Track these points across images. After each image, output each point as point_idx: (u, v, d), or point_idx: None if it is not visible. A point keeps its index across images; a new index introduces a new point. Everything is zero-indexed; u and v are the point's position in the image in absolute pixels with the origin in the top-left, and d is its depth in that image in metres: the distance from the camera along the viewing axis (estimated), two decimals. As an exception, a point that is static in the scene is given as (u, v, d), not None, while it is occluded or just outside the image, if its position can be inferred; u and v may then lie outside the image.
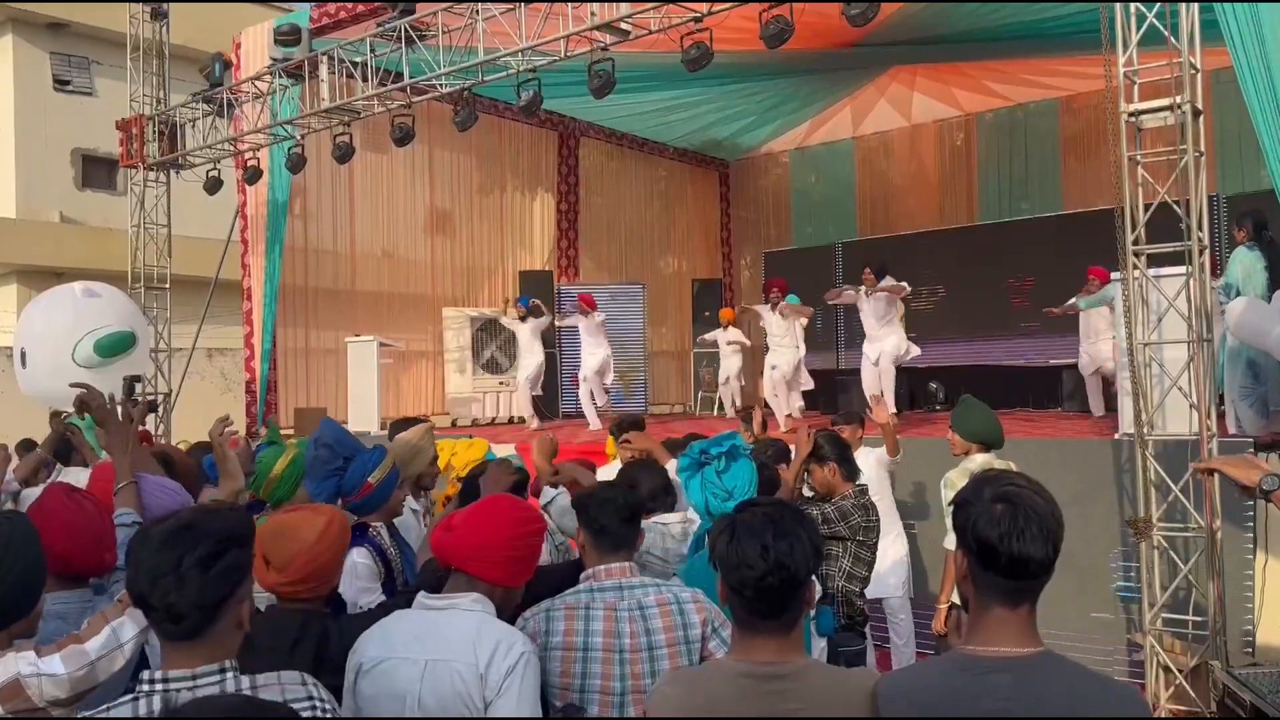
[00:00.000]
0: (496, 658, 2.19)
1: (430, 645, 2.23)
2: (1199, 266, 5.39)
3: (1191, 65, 5.38)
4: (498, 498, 2.65)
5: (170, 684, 1.78)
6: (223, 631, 1.83)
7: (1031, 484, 1.87)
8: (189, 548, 1.79)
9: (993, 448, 4.95)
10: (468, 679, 2.18)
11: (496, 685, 2.17)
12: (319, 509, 2.67)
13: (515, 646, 2.23)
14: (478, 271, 13.58)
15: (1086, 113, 12.43)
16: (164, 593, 1.77)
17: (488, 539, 2.37)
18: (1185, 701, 5.30)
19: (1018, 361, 12.15)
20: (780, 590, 1.92)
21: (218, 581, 1.79)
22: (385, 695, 2.23)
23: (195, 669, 1.79)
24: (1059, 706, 1.74)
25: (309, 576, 2.50)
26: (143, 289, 11.27)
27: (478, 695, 2.17)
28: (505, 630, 2.30)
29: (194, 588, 1.77)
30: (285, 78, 9.60)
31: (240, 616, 1.86)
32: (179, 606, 1.77)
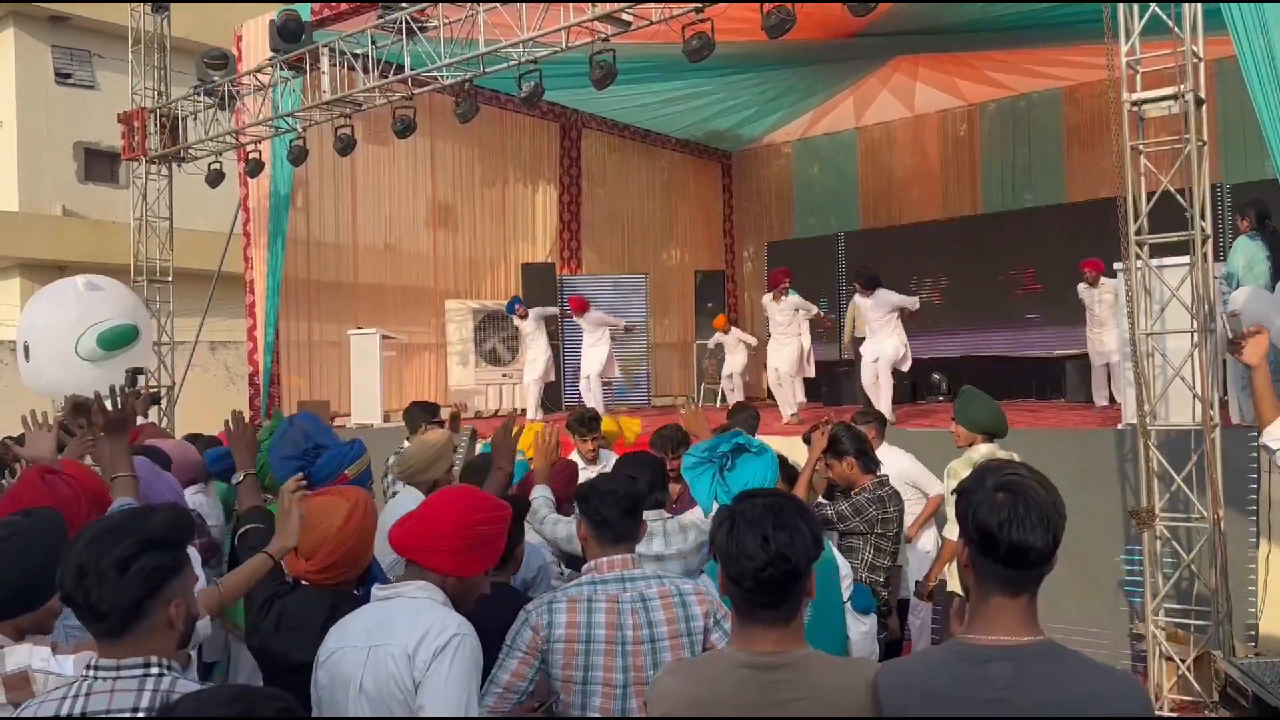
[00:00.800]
0: (427, 639, 2.23)
1: (375, 633, 2.29)
2: (1202, 256, 5.38)
3: (1194, 54, 5.36)
4: (450, 489, 2.70)
5: (98, 672, 1.85)
6: (149, 631, 1.87)
7: (1033, 474, 1.87)
8: (109, 548, 1.83)
9: (996, 437, 4.95)
10: (399, 660, 2.22)
11: (424, 665, 2.21)
12: (344, 493, 2.68)
13: (448, 629, 2.26)
14: (480, 264, 13.58)
15: (1090, 102, 12.39)
16: (85, 591, 1.83)
17: (434, 529, 2.41)
18: (1188, 692, 5.30)
19: (1021, 352, 12.13)
20: (781, 581, 1.92)
21: (134, 582, 1.83)
22: (337, 682, 2.30)
23: (120, 660, 1.84)
24: (1058, 696, 1.74)
25: (336, 564, 2.54)
26: (145, 282, 11.28)
27: (407, 676, 2.21)
28: (442, 614, 2.32)
29: (110, 588, 1.82)
30: (286, 70, 9.58)
31: (169, 617, 1.89)
32: (99, 605, 1.83)
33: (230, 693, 1.57)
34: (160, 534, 1.89)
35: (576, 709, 2.53)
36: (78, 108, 17.79)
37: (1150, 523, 5.47)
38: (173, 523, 1.95)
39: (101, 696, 1.81)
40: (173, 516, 1.96)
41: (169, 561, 1.89)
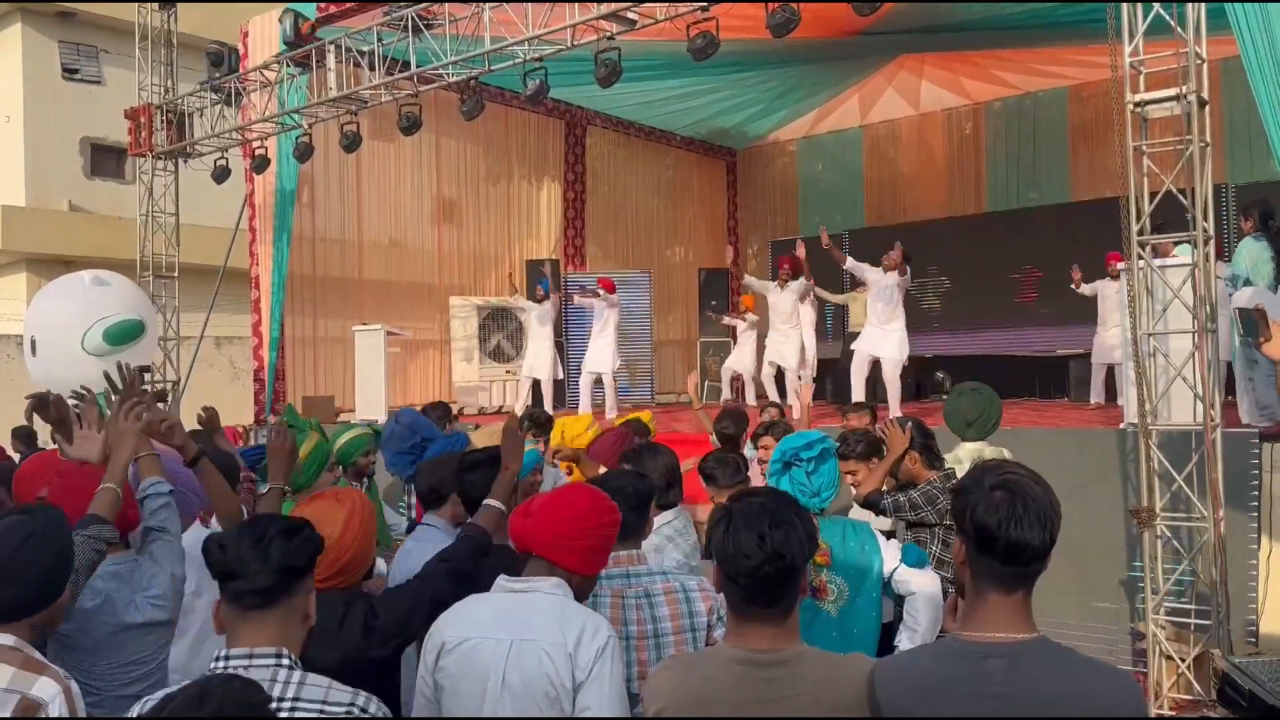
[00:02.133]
0: (585, 638, 2.20)
1: (515, 626, 2.24)
2: (1204, 256, 5.39)
3: (1198, 55, 5.37)
4: (576, 486, 2.66)
5: (230, 662, 1.91)
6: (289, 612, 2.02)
7: (1029, 473, 1.89)
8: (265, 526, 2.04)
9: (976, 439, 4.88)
10: (556, 658, 2.18)
11: (586, 666, 2.17)
12: (340, 498, 2.63)
13: (601, 630, 2.24)
14: (485, 260, 13.61)
15: (1095, 101, 12.38)
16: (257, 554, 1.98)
17: (568, 527, 2.37)
18: (1188, 690, 5.32)
19: (1024, 351, 12.14)
20: (777, 578, 1.95)
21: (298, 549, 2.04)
22: (469, 674, 2.24)
23: (253, 648, 1.94)
24: (1052, 692, 1.76)
25: (340, 571, 2.52)
26: (151, 277, 11.33)
27: (566, 674, 2.17)
28: (590, 614, 2.31)
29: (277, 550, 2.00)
30: (293, 66, 9.61)
31: (306, 607, 2.05)
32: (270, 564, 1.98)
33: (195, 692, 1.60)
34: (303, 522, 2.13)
35: None
36: (85, 103, 17.83)
37: (1151, 522, 5.49)
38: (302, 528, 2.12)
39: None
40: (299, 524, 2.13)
41: (315, 548, 2.10)
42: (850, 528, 3.17)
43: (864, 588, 3.05)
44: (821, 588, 3.03)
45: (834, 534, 3.11)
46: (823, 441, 3.25)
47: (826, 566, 3.04)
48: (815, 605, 3.02)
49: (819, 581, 3.03)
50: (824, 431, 3.78)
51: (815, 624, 2.98)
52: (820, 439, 3.27)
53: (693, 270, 15.53)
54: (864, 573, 3.06)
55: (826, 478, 3.19)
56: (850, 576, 3.06)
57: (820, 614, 3.02)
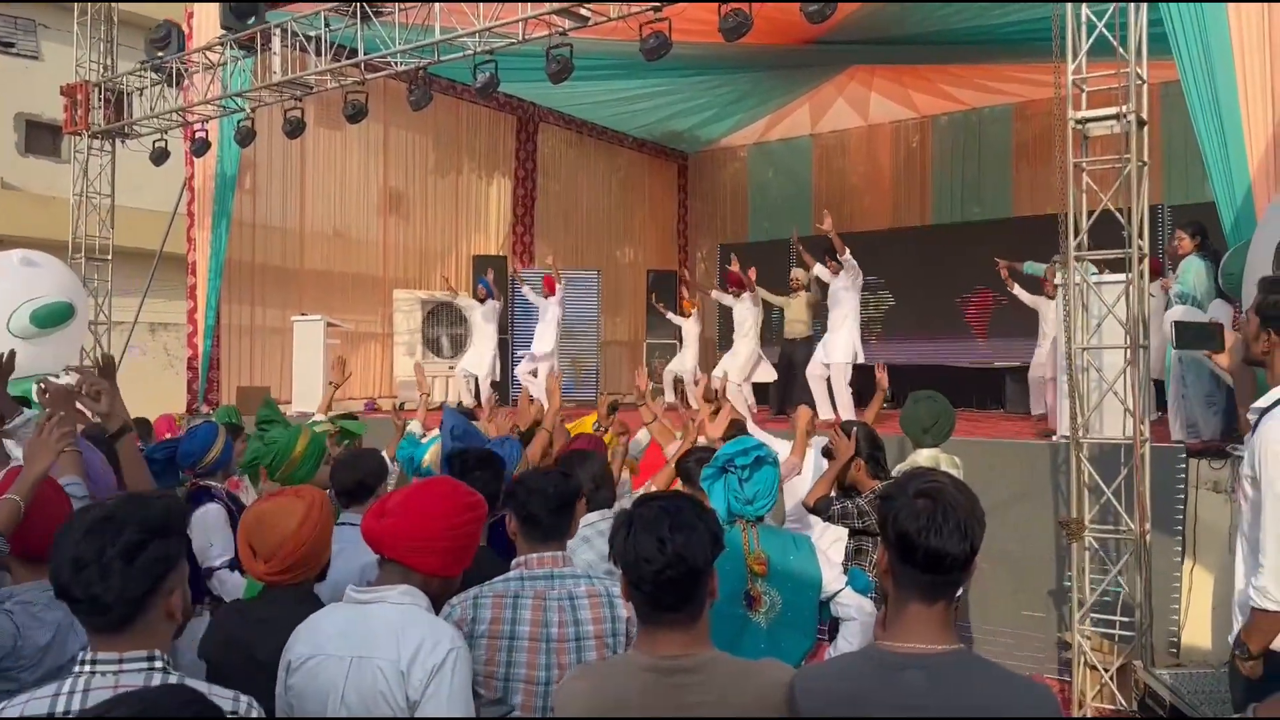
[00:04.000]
0: (421, 654, 2.11)
1: (355, 641, 2.15)
2: (1139, 274, 5.49)
3: (1138, 75, 5.47)
4: (436, 480, 2.56)
5: (97, 666, 1.76)
6: (153, 623, 1.80)
7: (955, 483, 1.89)
8: (113, 538, 1.75)
9: (932, 446, 4.97)
10: (390, 676, 2.10)
11: (420, 685, 2.09)
12: (300, 493, 2.57)
13: (441, 643, 2.14)
14: (430, 254, 13.46)
15: (1039, 120, 12.61)
16: (86, 584, 1.74)
17: (428, 527, 2.27)
18: (1111, 700, 5.40)
19: (963, 362, 12.30)
20: (680, 582, 1.93)
21: (141, 573, 1.76)
22: (312, 692, 2.17)
23: (122, 653, 1.77)
24: (971, 704, 1.75)
25: (295, 565, 2.45)
26: (84, 260, 11.03)
27: (400, 694, 2.10)
28: (432, 625, 2.21)
29: (116, 579, 1.74)
30: (237, 49, 9.41)
31: (171, 608, 1.83)
32: (103, 598, 1.75)
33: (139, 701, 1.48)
34: (162, 521, 1.83)
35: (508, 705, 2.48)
36: (20, 78, 17.27)
37: (1079, 534, 5.57)
38: (172, 509, 1.89)
39: (103, 693, 1.69)
40: (171, 502, 1.91)
41: (172, 550, 1.84)
42: (793, 541, 3.12)
43: (798, 603, 3.00)
44: (757, 598, 2.98)
45: (776, 545, 3.06)
46: (759, 449, 3.19)
47: (763, 576, 2.99)
48: (746, 615, 2.98)
49: (755, 591, 2.98)
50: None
51: (745, 634, 2.94)
52: (756, 446, 3.22)
53: (641, 271, 15.52)
54: (801, 588, 3.01)
55: (762, 485, 3.12)
56: (786, 590, 3.01)
57: (750, 625, 2.97)
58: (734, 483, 3.12)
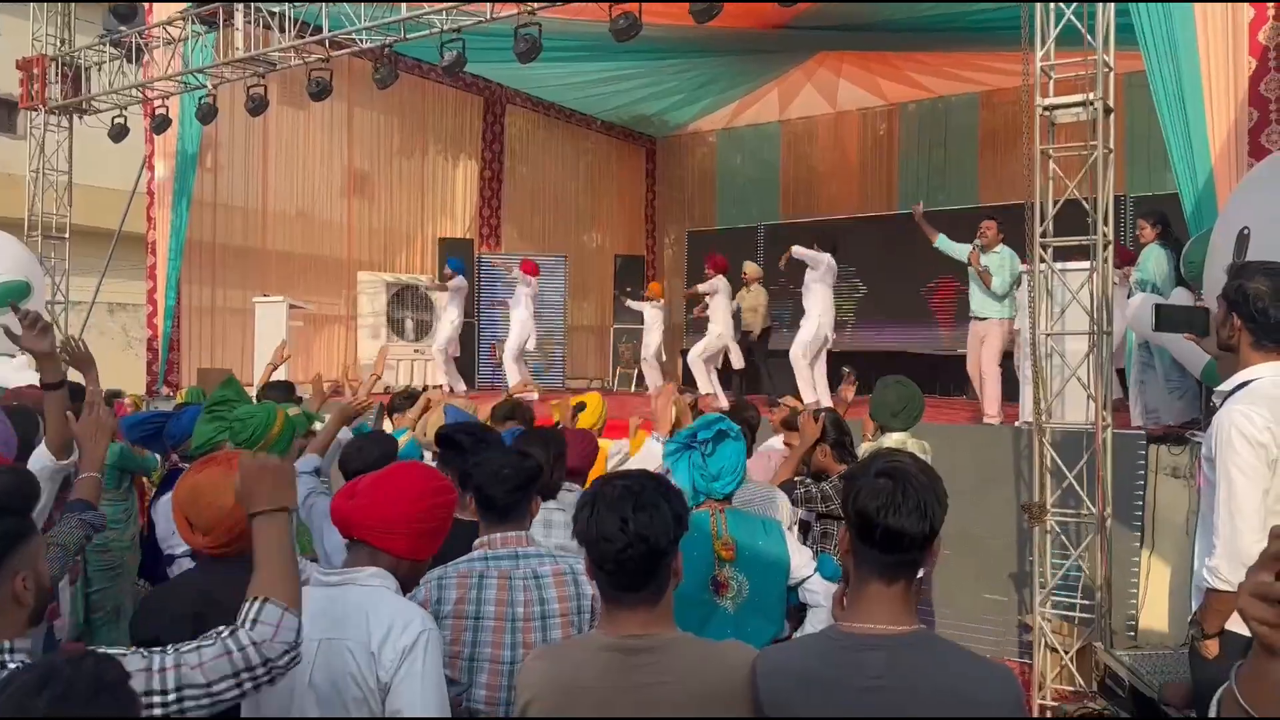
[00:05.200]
0: (391, 636, 2.08)
1: (324, 623, 2.11)
2: (1103, 261, 5.54)
3: (1105, 63, 5.51)
4: (406, 464, 2.54)
5: None
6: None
7: (918, 463, 1.89)
8: None
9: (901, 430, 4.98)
10: (359, 657, 2.07)
11: (391, 666, 2.07)
12: (231, 463, 2.45)
13: (412, 625, 2.12)
14: (395, 236, 13.33)
15: (1005, 109, 12.69)
16: None
17: (394, 510, 2.25)
18: (1070, 682, 5.48)
19: (927, 349, 12.39)
20: (642, 562, 1.91)
21: None
22: None
23: None
24: (930, 685, 1.76)
25: (235, 538, 2.37)
26: (40, 238, 10.80)
27: (370, 675, 2.07)
28: (402, 606, 2.19)
29: None
30: (199, 24, 9.24)
31: (16, 592, 1.67)
32: None
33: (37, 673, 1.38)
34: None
35: (463, 684, 2.47)
36: (-27, 51, 16.89)
37: (1041, 517, 5.63)
38: (10, 487, 1.74)
39: None
40: (12, 479, 1.76)
41: (10, 530, 1.68)
42: (761, 525, 3.10)
43: (766, 588, 2.97)
44: (724, 583, 2.95)
45: (744, 530, 3.03)
46: (721, 422, 3.16)
47: (730, 561, 2.96)
48: (714, 601, 2.96)
49: (721, 576, 2.95)
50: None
51: (711, 619, 2.91)
52: (718, 419, 3.18)
53: (609, 256, 15.49)
54: (769, 573, 2.99)
55: (727, 461, 3.08)
56: (754, 575, 2.98)
57: (718, 610, 2.94)
58: (697, 458, 3.09)
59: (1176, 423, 6.27)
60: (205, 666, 1.68)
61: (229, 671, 1.69)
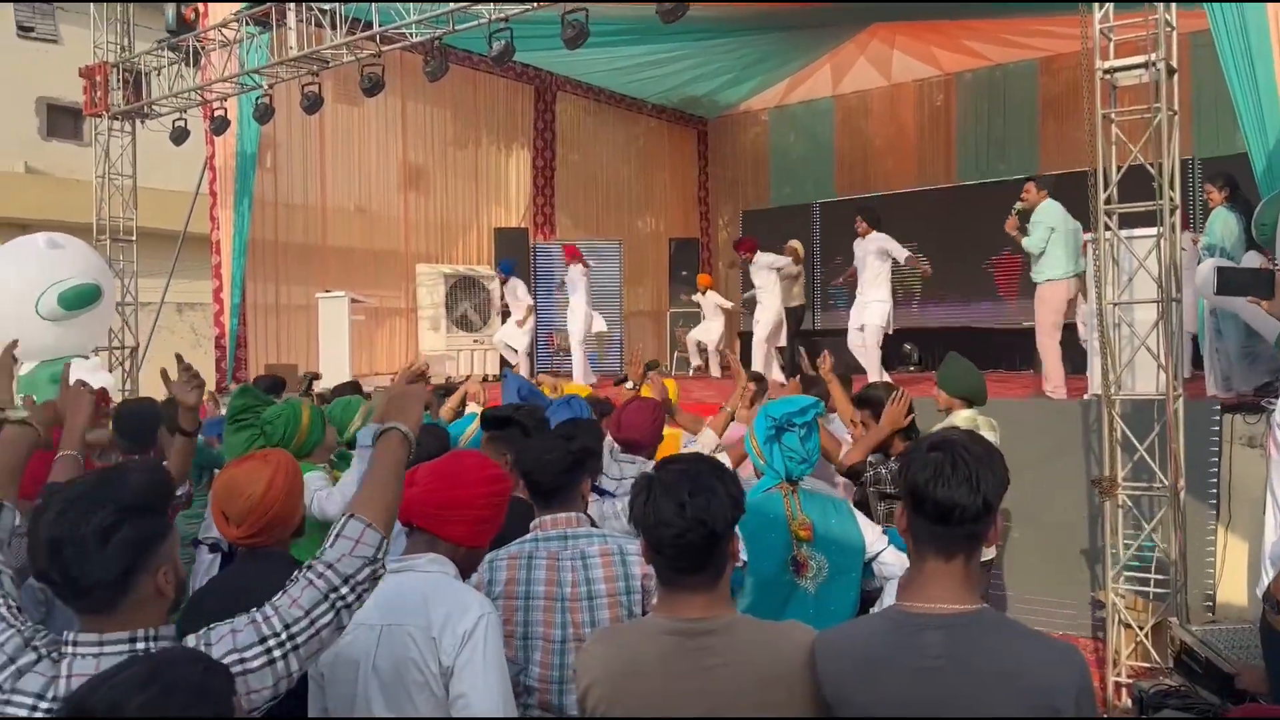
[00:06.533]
0: (451, 620, 2.12)
1: (385, 610, 2.15)
2: (1170, 227, 5.38)
3: (1167, 22, 5.33)
4: (464, 452, 2.60)
5: (78, 648, 1.67)
6: (141, 602, 1.69)
7: (972, 436, 1.88)
8: (86, 517, 1.65)
9: (975, 403, 4.94)
10: (420, 643, 2.11)
11: (452, 650, 2.10)
12: (267, 458, 2.58)
13: (471, 609, 2.14)
14: (452, 227, 13.44)
15: (1065, 74, 12.38)
16: (63, 566, 1.65)
17: (453, 496, 2.29)
18: (1146, 658, 5.36)
19: (992, 323, 12.17)
20: (700, 546, 1.91)
21: (118, 554, 1.65)
22: (343, 660, 2.18)
23: (102, 635, 1.67)
24: (991, 666, 1.73)
25: (266, 528, 2.47)
26: (108, 241, 11.08)
27: (431, 659, 2.10)
28: (461, 591, 2.22)
29: (93, 562, 1.65)
30: (252, 25, 9.38)
31: (159, 586, 1.72)
32: (81, 581, 1.65)
33: (145, 666, 1.41)
34: (139, 498, 1.71)
35: (520, 663, 2.52)
36: (40, 62, 17.34)
37: (1112, 491, 5.51)
38: (150, 484, 1.77)
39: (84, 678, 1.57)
40: (149, 477, 1.79)
41: (152, 528, 1.72)
42: (831, 504, 3.12)
43: (844, 566, 3.00)
44: (804, 563, 2.97)
45: (816, 509, 3.05)
46: (816, 407, 3.18)
47: (809, 542, 2.98)
48: (794, 581, 2.97)
49: (802, 556, 2.97)
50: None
51: (792, 600, 2.94)
52: (813, 404, 3.20)
53: (663, 240, 15.44)
54: (845, 551, 3.01)
55: (814, 444, 3.15)
56: (831, 554, 3.00)
57: (798, 590, 2.96)
58: (793, 441, 3.10)
59: (1251, 390, 6.08)
60: (299, 600, 1.76)
61: (320, 597, 1.77)
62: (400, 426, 2.01)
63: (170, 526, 1.79)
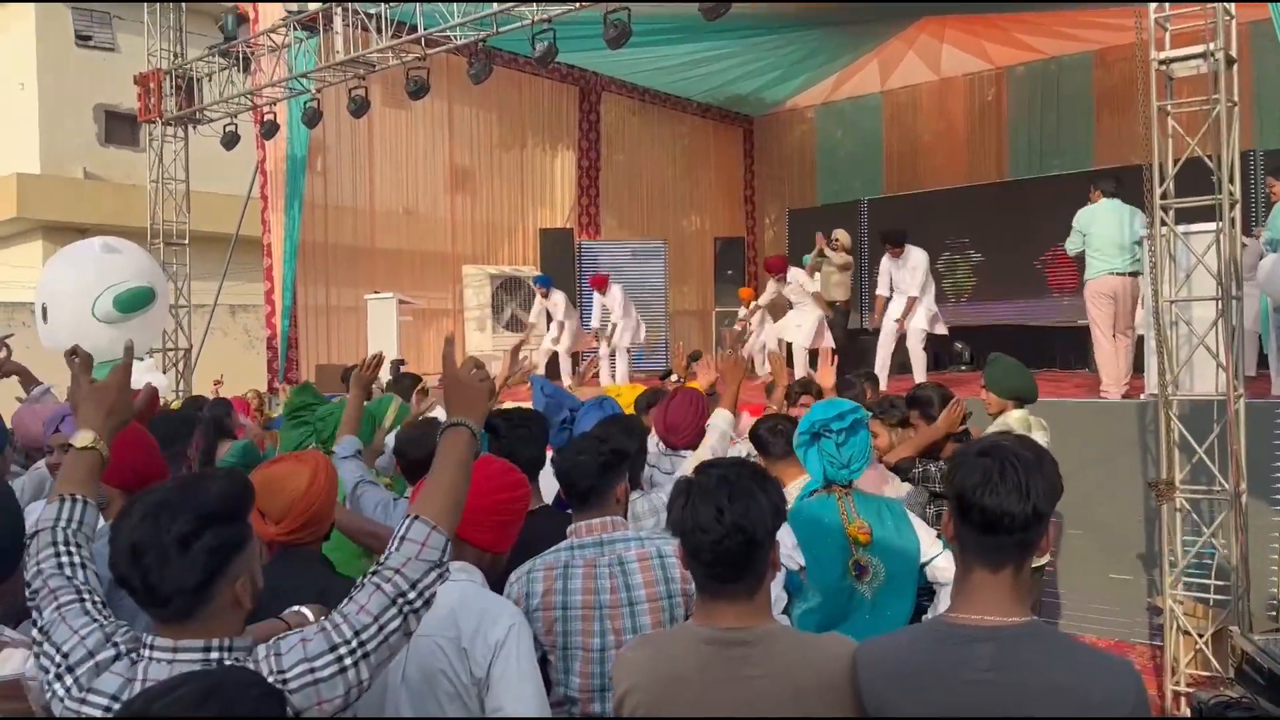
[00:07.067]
0: (482, 631, 2.08)
1: None
2: (1229, 222, 5.21)
3: (1226, 11, 5.16)
4: (486, 457, 2.56)
5: (154, 652, 1.67)
6: (217, 612, 1.68)
7: (1022, 440, 1.80)
8: (167, 524, 1.65)
9: (1026, 402, 4.85)
10: (450, 654, 2.08)
11: (484, 661, 2.07)
12: (302, 458, 2.60)
13: (502, 618, 2.12)
14: (498, 229, 13.51)
15: (1120, 66, 12.06)
16: (143, 572, 1.64)
17: (480, 501, 2.25)
18: (1206, 667, 5.20)
19: (1046, 321, 11.94)
20: (739, 553, 1.86)
21: (198, 563, 1.65)
22: None
23: (176, 641, 1.67)
24: (1043, 681, 1.66)
25: (308, 524, 2.48)
26: (161, 245, 11.29)
27: (463, 670, 2.07)
28: (490, 600, 2.20)
29: (173, 569, 1.64)
30: (300, 30, 9.49)
31: (237, 595, 1.71)
32: (161, 588, 1.65)
33: (201, 686, 1.40)
34: (220, 506, 1.70)
35: (559, 674, 2.48)
36: (98, 70, 17.75)
37: (1169, 495, 5.35)
38: (231, 493, 1.76)
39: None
40: (230, 485, 1.78)
41: (232, 537, 1.71)
42: (886, 506, 3.04)
43: (901, 570, 2.92)
44: (865, 567, 2.90)
45: (870, 511, 2.98)
46: (854, 412, 3.09)
47: (867, 546, 2.91)
48: (853, 587, 2.90)
49: (863, 561, 2.90)
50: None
51: (850, 605, 2.87)
52: (852, 409, 3.11)
53: (709, 239, 15.37)
54: (901, 555, 2.93)
55: (857, 449, 3.04)
56: (887, 557, 2.93)
57: (855, 595, 2.89)
58: (830, 446, 3.02)
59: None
60: (367, 606, 1.71)
61: (387, 602, 1.72)
62: (468, 422, 1.92)
63: (249, 536, 1.78)
